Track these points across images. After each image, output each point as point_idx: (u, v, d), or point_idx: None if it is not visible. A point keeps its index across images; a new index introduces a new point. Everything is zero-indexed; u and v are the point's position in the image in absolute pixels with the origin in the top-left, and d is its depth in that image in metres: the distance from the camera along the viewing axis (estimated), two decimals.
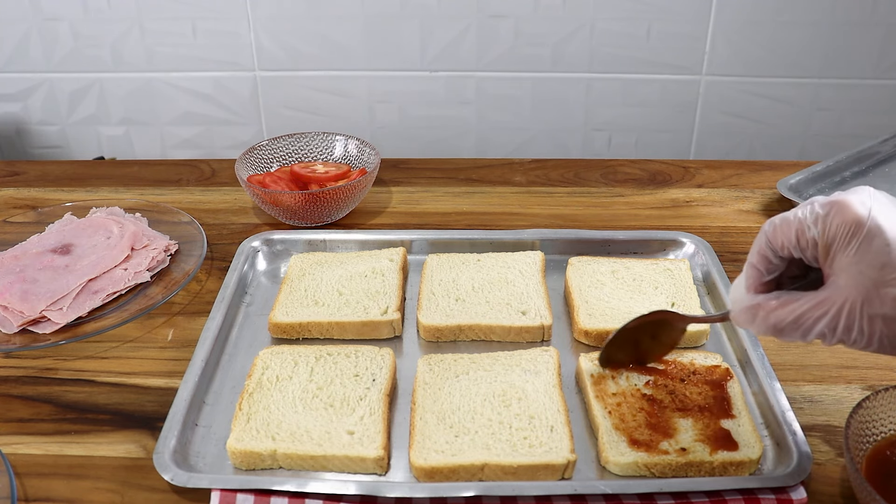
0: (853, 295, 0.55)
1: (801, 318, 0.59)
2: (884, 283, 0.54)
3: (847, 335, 0.56)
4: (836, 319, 0.56)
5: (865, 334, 0.56)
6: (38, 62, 1.45)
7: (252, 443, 0.72)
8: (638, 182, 1.23)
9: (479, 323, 0.87)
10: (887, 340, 0.55)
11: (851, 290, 0.55)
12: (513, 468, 0.69)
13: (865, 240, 0.54)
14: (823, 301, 0.57)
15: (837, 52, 1.39)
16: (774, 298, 0.61)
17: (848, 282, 0.56)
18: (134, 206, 1.12)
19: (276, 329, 0.88)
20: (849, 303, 0.56)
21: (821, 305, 0.57)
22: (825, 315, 0.57)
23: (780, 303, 0.60)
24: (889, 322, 0.54)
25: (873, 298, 0.54)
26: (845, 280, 0.56)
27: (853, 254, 0.55)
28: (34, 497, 0.70)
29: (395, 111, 1.49)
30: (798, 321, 0.59)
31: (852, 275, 0.55)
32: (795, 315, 0.59)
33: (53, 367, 0.85)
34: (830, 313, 0.57)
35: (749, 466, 0.70)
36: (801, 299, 0.59)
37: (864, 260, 0.54)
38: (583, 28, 1.39)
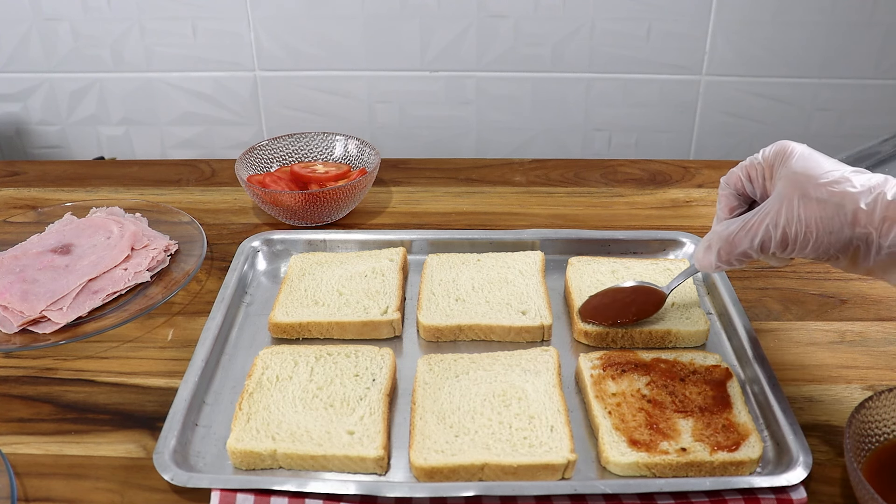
0: (789, 192, 0.66)
1: (748, 224, 0.69)
2: (813, 177, 0.65)
3: (788, 227, 0.66)
4: (777, 216, 0.66)
5: (803, 220, 0.65)
6: (38, 62, 1.45)
7: (252, 443, 0.72)
8: (638, 182, 1.23)
9: (479, 323, 0.87)
10: (822, 226, 0.64)
11: (789, 188, 0.66)
12: (513, 468, 0.69)
13: (799, 156, 0.67)
14: (765, 205, 0.68)
15: (837, 52, 1.39)
16: (724, 224, 0.72)
17: (785, 185, 0.67)
18: (134, 206, 1.12)
19: (276, 329, 0.88)
20: (787, 198, 0.66)
21: (763, 209, 0.68)
22: (768, 214, 0.67)
23: (728, 222, 0.72)
24: (821, 205, 0.64)
25: (807, 188, 0.65)
26: (783, 185, 0.67)
27: (790, 163, 0.67)
28: (34, 497, 0.70)
29: (395, 111, 1.49)
30: (746, 227, 0.69)
31: (789, 178, 0.66)
32: (742, 222, 0.69)
33: (53, 367, 0.85)
34: (772, 212, 0.67)
35: (749, 466, 0.70)
36: (748, 213, 0.70)
37: (797, 165, 0.66)
38: (583, 28, 1.39)
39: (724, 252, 0.71)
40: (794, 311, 0.93)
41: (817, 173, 0.65)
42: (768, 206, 0.68)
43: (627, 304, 0.86)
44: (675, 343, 0.86)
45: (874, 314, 0.92)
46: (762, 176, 0.71)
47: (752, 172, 0.72)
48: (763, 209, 0.68)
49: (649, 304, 0.86)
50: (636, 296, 0.87)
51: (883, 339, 0.88)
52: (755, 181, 0.72)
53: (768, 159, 0.70)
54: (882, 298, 0.95)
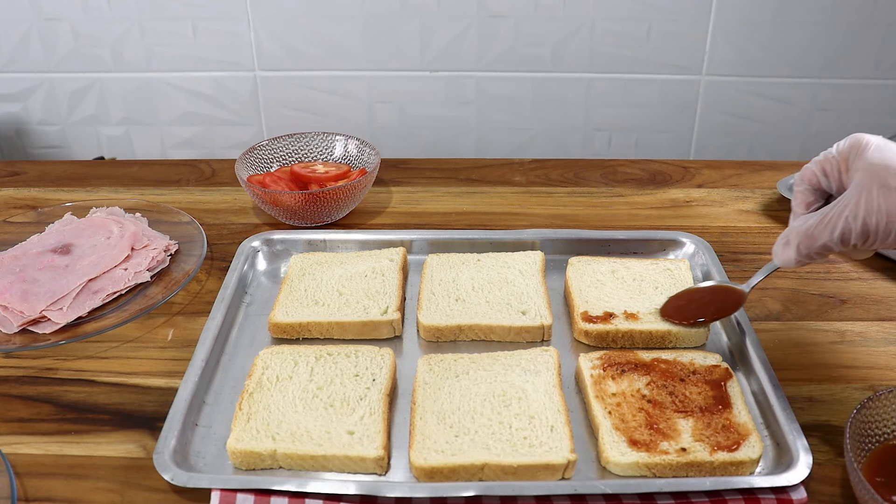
0: (869, 182, 0.65)
1: (827, 217, 0.68)
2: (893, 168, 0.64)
3: (869, 217, 0.65)
4: (857, 207, 0.65)
5: (884, 210, 0.64)
6: (38, 62, 1.45)
7: (252, 443, 0.72)
8: (638, 182, 1.23)
9: (479, 323, 0.87)
10: None
11: (867, 179, 0.65)
12: (513, 468, 0.69)
13: (875, 147, 0.67)
14: (844, 197, 0.67)
15: (837, 52, 1.39)
16: (802, 218, 0.71)
17: (863, 176, 0.66)
18: (134, 206, 1.12)
19: (276, 329, 0.88)
20: (865, 189, 0.65)
21: (842, 201, 0.67)
22: (847, 206, 0.66)
23: (806, 217, 0.71)
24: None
25: (887, 179, 0.64)
26: (860, 177, 0.66)
27: (866, 156, 0.66)
28: (34, 497, 0.70)
29: (395, 111, 1.49)
30: (825, 220, 0.68)
31: (866, 170, 0.66)
32: (821, 215, 0.68)
33: (53, 367, 0.85)
34: (851, 203, 0.66)
35: (749, 466, 0.70)
36: (825, 207, 0.69)
37: (874, 156, 0.66)
38: (583, 28, 1.39)
39: (803, 246, 0.70)
40: (794, 311, 0.93)
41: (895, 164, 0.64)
42: (847, 198, 0.67)
43: (706, 303, 0.86)
44: (675, 343, 0.86)
45: (874, 314, 0.92)
46: (837, 170, 0.70)
47: (826, 167, 0.71)
48: (841, 201, 0.67)
49: (728, 302, 0.85)
50: (714, 296, 0.87)
51: (883, 339, 0.88)
52: (830, 175, 0.71)
53: (843, 152, 0.69)
54: (882, 298, 0.95)
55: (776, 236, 1.07)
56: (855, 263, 1.01)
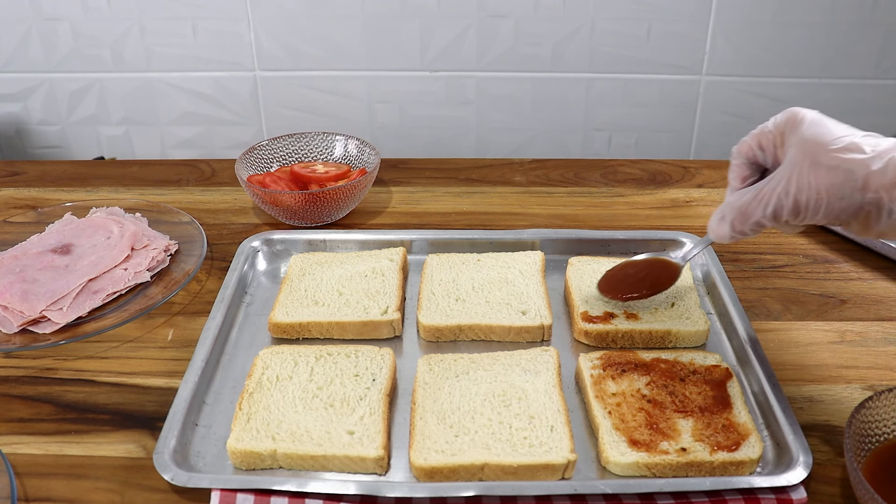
0: (800, 159, 0.66)
1: (761, 193, 0.69)
2: (824, 144, 0.65)
3: (800, 195, 0.66)
4: (789, 184, 0.66)
5: (814, 187, 0.65)
6: (38, 62, 1.45)
7: (252, 443, 0.72)
8: (638, 182, 1.23)
9: (479, 323, 0.87)
10: (832, 193, 0.64)
11: (799, 156, 0.66)
12: (513, 468, 0.69)
13: (809, 122, 0.67)
14: (777, 174, 0.68)
15: (837, 52, 1.39)
16: (737, 194, 0.72)
17: (796, 152, 0.67)
18: (134, 206, 1.12)
19: (276, 329, 0.88)
20: (797, 166, 0.66)
21: (775, 177, 0.68)
22: (779, 182, 0.67)
23: (741, 192, 0.71)
24: (831, 171, 0.64)
25: (818, 156, 0.65)
26: (794, 153, 0.67)
27: (801, 131, 0.67)
28: (34, 497, 0.70)
29: (395, 111, 1.49)
30: (758, 197, 0.69)
31: (799, 146, 0.66)
32: (755, 192, 0.69)
33: (53, 367, 0.85)
34: (783, 180, 0.67)
35: (749, 466, 0.70)
36: (759, 183, 0.70)
37: (808, 132, 0.66)
38: (583, 28, 1.39)
39: (737, 222, 0.71)
40: (794, 311, 0.93)
41: (827, 139, 0.65)
42: (780, 174, 0.68)
43: (641, 278, 0.87)
44: (675, 343, 0.86)
45: (874, 314, 0.92)
46: (773, 144, 0.71)
47: (763, 141, 0.72)
48: (774, 178, 0.68)
49: (664, 277, 0.87)
50: (650, 270, 0.88)
51: (883, 339, 0.88)
52: (766, 149, 0.72)
53: (779, 126, 0.70)
54: (882, 298, 0.95)
55: (775, 236, 1.07)
56: (855, 263, 1.01)
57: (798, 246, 1.06)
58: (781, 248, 1.05)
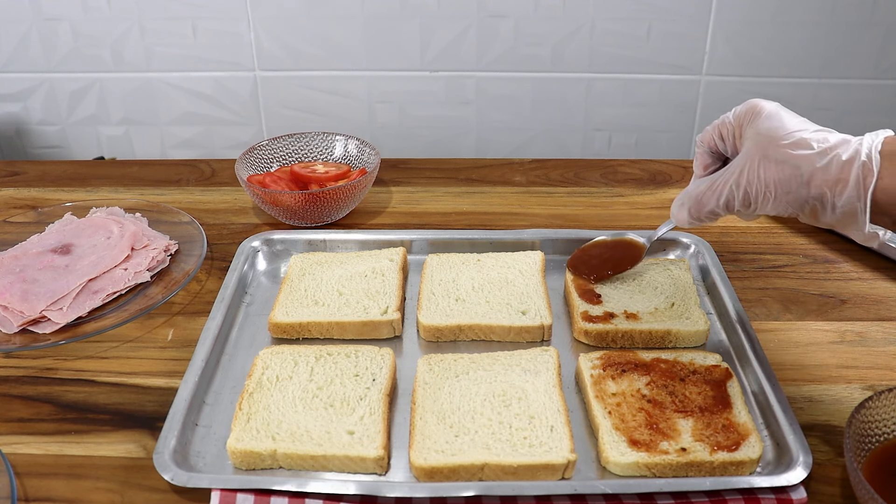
0: (753, 152, 0.68)
1: (715, 184, 0.72)
2: (775, 139, 0.67)
3: (749, 187, 0.68)
4: (740, 176, 0.69)
5: (762, 180, 0.67)
6: (38, 62, 1.45)
7: (252, 443, 0.72)
8: (638, 182, 1.23)
9: (479, 323, 0.87)
10: (780, 186, 0.67)
11: (752, 149, 0.69)
12: (513, 468, 0.69)
13: (766, 115, 0.69)
14: (731, 165, 0.71)
15: (837, 52, 1.39)
16: (695, 183, 0.75)
17: (749, 145, 0.69)
18: (134, 206, 1.12)
19: (276, 329, 0.88)
20: (749, 159, 0.69)
21: (729, 169, 0.71)
22: (732, 175, 0.70)
23: (699, 182, 0.75)
24: (780, 166, 0.66)
25: (768, 150, 0.67)
26: (748, 145, 0.69)
27: (756, 124, 0.70)
28: (34, 497, 0.70)
29: (395, 111, 1.49)
30: (712, 187, 0.72)
31: (753, 138, 0.69)
32: (709, 182, 0.72)
33: (53, 367, 0.85)
34: (735, 172, 0.69)
35: (749, 466, 0.70)
36: (715, 173, 0.73)
37: (762, 125, 0.69)
38: (583, 28, 1.39)
39: (693, 210, 0.74)
40: (794, 311, 0.93)
41: (780, 134, 0.67)
42: (733, 166, 0.70)
43: (605, 259, 0.92)
44: (675, 343, 0.86)
45: (874, 314, 0.92)
46: (732, 135, 0.74)
47: (723, 131, 0.75)
48: (728, 169, 0.71)
49: (627, 257, 0.92)
50: (615, 251, 0.92)
51: (883, 339, 0.88)
52: (726, 139, 0.75)
53: (738, 118, 0.73)
54: (882, 298, 0.95)
55: (776, 236, 1.07)
56: (855, 263, 1.01)
57: (798, 246, 1.06)
58: (781, 248, 1.05)
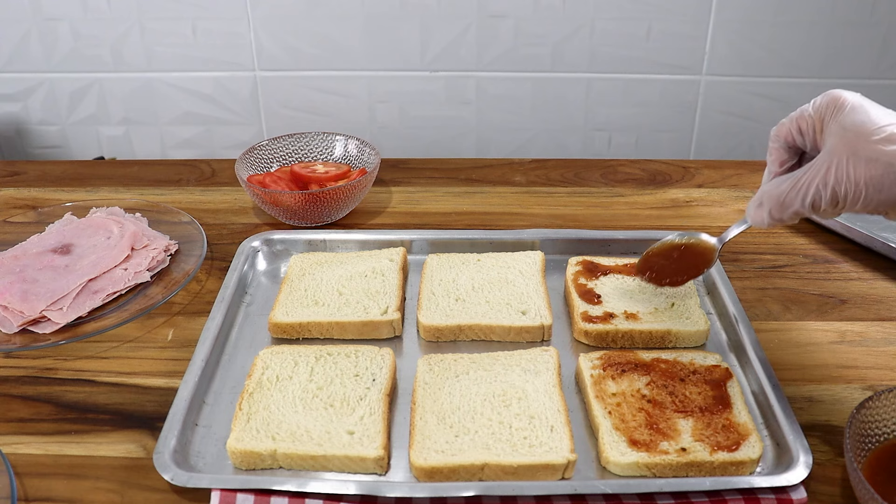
0: (839, 149, 0.65)
1: (799, 183, 0.68)
2: (864, 133, 0.64)
3: (838, 186, 0.65)
4: (827, 175, 0.65)
5: (853, 180, 0.64)
6: (38, 62, 1.45)
7: (252, 443, 0.72)
8: (638, 182, 1.23)
9: (479, 323, 0.87)
10: (871, 185, 0.63)
11: (839, 146, 0.65)
12: (513, 468, 0.69)
13: (850, 109, 0.66)
14: (815, 163, 0.67)
15: (837, 52, 1.39)
16: (775, 182, 0.71)
17: (836, 141, 0.66)
18: (134, 206, 1.12)
19: (276, 329, 0.88)
20: (836, 156, 0.65)
21: (814, 166, 0.67)
22: (818, 173, 0.66)
23: (779, 181, 0.70)
24: (871, 164, 0.63)
25: (857, 147, 0.64)
26: (833, 141, 0.66)
27: (841, 118, 0.66)
28: (34, 497, 0.70)
29: (395, 111, 1.49)
30: (796, 187, 0.68)
31: (837, 134, 0.66)
32: (793, 182, 0.68)
33: (53, 367, 0.85)
34: (822, 170, 0.66)
35: (749, 466, 0.70)
36: (798, 171, 0.69)
37: (848, 120, 0.65)
38: (583, 28, 1.39)
39: (775, 211, 0.71)
40: (794, 311, 0.93)
41: (868, 129, 0.64)
42: (818, 164, 0.66)
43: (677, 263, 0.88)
44: (675, 343, 0.86)
45: (874, 314, 0.92)
46: (812, 129, 0.70)
47: (802, 125, 0.71)
48: (813, 167, 0.67)
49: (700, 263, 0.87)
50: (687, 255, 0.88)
51: (883, 339, 0.88)
52: (806, 134, 0.71)
53: (819, 111, 0.69)
54: (882, 298, 0.95)
55: (776, 236, 1.07)
56: (855, 263, 1.01)
57: (798, 246, 1.06)
58: (781, 248, 1.05)
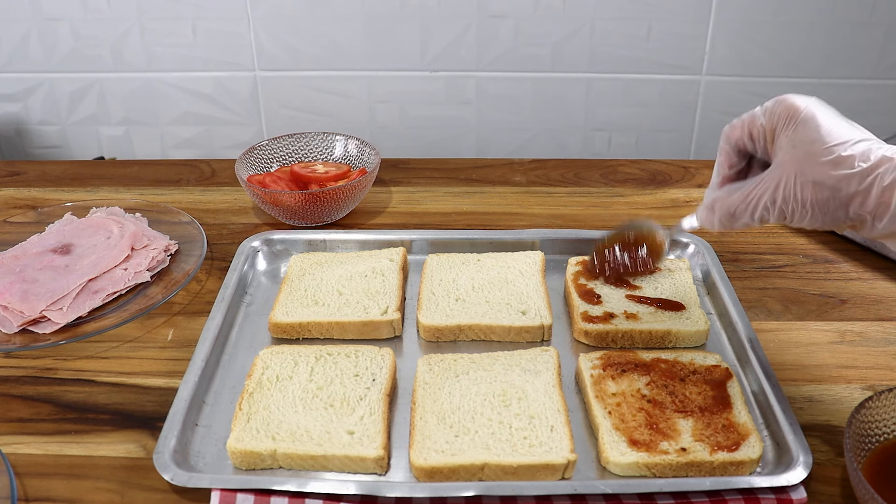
0: (789, 167, 0.65)
1: (748, 198, 0.68)
2: (813, 154, 0.63)
3: (785, 205, 0.66)
4: (776, 192, 0.66)
5: (799, 201, 0.65)
6: (38, 62, 1.45)
7: (252, 443, 0.72)
8: (638, 182, 1.23)
9: (479, 323, 0.87)
10: (818, 207, 0.64)
11: (787, 164, 0.65)
12: (513, 468, 0.69)
13: (801, 121, 0.65)
14: (764, 178, 0.68)
15: (837, 52, 1.39)
16: (727, 190, 0.72)
17: (785, 158, 0.66)
18: (134, 206, 1.12)
19: (276, 329, 0.88)
20: (785, 175, 0.65)
21: (763, 182, 0.68)
22: (767, 190, 0.67)
23: (731, 191, 0.71)
24: (818, 187, 0.63)
25: (805, 167, 0.64)
26: (783, 157, 0.66)
27: (791, 132, 0.65)
28: (34, 497, 0.70)
29: (395, 111, 1.49)
30: (746, 200, 0.69)
31: (788, 150, 0.66)
32: (743, 195, 0.69)
33: (53, 367, 0.85)
34: (770, 187, 0.66)
35: (749, 466, 0.70)
36: (749, 183, 0.70)
37: (797, 136, 0.65)
38: (583, 28, 1.39)
39: (725, 220, 0.71)
40: (794, 311, 0.93)
41: (818, 149, 0.63)
42: (767, 180, 0.67)
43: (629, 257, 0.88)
44: (676, 343, 0.86)
45: (874, 314, 0.92)
46: (763, 137, 0.70)
47: (753, 132, 0.70)
48: (762, 183, 0.67)
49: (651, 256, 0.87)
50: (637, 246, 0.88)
51: (883, 339, 0.88)
52: (756, 141, 0.71)
53: (771, 120, 0.68)
54: (882, 298, 0.95)
55: (776, 236, 1.07)
56: (855, 263, 1.01)
57: (798, 246, 1.06)
58: (781, 248, 1.05)
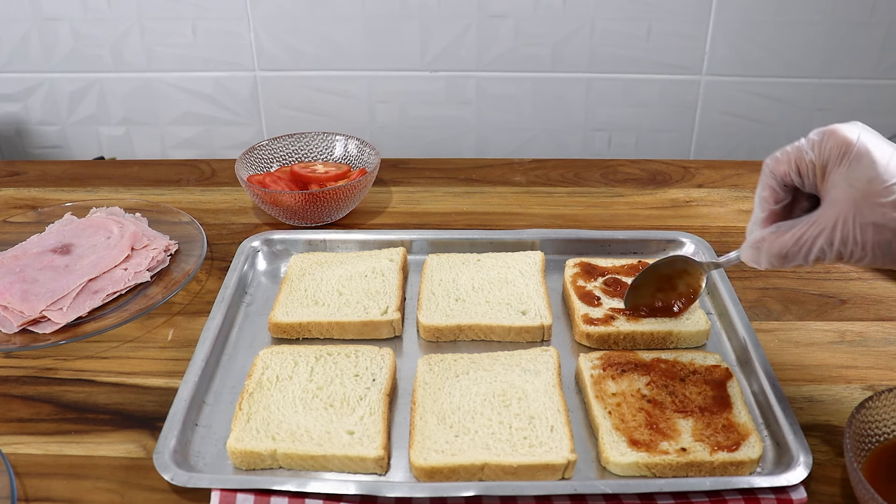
0: (845, 208, 0.61)
1: (801, 239, 0.64)
2: (872, 194, 0.60)
3: (844, 247, 0.62)
4: (833, 234, 0.62)
5: (859, 243, 0.61)
6: (38, 62, 1.45)
7: (252, 443, 0.72)
8: (638, 182, 1.23)
9: (479, 323, 0.87)
10: (878, 249, 0.61)
11: (844, 204, 0.62)
12: (513, 468, 0.69)
13: (855, 157, 0.61)
14: (819, 218, 0.64)
15: (837, 52, 1.39)
16: (775, 229, 0.67)
17: (840, 197, 0.62)
18: (134, 206, 1.12)
19: (276, 329, 0.88)
20: (842, 216, 0.62)
21: (818, 223, 0.64)
22: (822, 231, 0.63)
23: (780, 231, 0.66)
24: (879, 229, 0.60)
25: (863, 208, 0.60)
26: (838, 195, 0.62)
27: (845, 170, 0.62)
28: (34, 497, 0.70)
29: (395, 111, 1.49)
30: (799, 242, 0.65)
31: (844, 189, 0.62)
32: (795, 237, 0.65)
33: (53, 367, 0.85)
34: (827, 229, 0.63)
35: (749, 466, 0.70)
36: (800, 223, 0.65)
37: (853, 174, 0.61)
38: (583, 28, 1.39)
39: (776, 261, 0.67)
40: (794, 311, 0.93)
41: (877, 189, 0.59)
42: (823, 220, 0.63)
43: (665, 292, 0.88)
44: (676, 343, 0.86)
45: (874, 314, 0.92)
46: (813, 174, 0.65)
47: (802, 168, 0.65)
48: (817, 223, 0.63)
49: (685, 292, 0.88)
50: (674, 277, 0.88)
51: (883, 339, 0.88)
52: (805, 177, 0.66)
53: (822, 156, 0.63)
54: (882, 298, 0.95)
55: None
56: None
57: None
58: None
